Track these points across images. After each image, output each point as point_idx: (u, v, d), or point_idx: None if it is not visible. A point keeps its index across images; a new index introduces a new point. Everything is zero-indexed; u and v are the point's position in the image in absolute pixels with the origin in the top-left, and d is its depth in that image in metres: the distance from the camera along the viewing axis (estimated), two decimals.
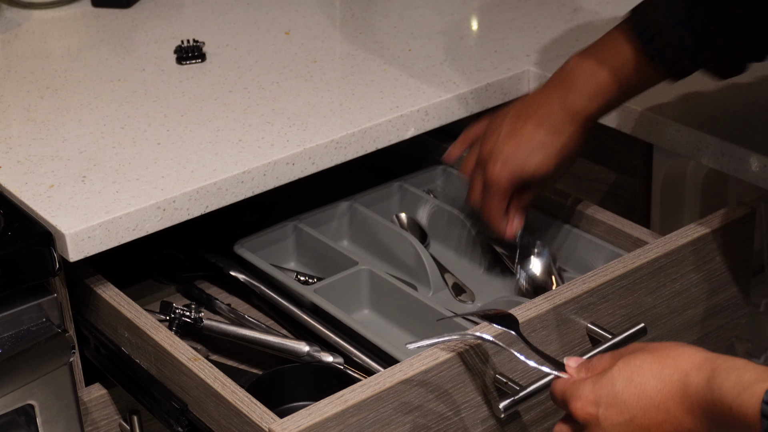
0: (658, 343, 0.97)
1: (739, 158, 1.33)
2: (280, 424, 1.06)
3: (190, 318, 1.38)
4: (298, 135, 1.40)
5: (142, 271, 1.51)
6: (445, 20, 1.72)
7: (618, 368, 0.95)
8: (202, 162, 1.35)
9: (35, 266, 1.23)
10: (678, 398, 0.90)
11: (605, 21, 1.67)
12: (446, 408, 1.13)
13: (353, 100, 1.48)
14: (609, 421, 0.94)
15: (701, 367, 0.89)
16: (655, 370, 0.92)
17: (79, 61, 1.63)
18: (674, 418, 0.90)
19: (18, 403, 1.25)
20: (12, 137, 1.43)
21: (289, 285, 1.38)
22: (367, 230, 1.50)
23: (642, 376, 0.93)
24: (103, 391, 1.36)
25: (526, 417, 1.19)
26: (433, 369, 1.11)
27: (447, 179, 1.58)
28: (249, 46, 1.65)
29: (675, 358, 0.92)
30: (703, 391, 0.88)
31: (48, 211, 1.27)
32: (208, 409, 1.17)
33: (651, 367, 0.93)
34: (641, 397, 0.92)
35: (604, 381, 0.95)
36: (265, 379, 1.29)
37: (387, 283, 1.37)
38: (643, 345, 0.97)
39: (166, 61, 1.62)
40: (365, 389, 1.08)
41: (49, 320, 1.26)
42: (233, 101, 1.49)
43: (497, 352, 1.15)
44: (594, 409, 0.95)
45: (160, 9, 1.80)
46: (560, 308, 1.20)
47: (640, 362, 0.94)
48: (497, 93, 1.52)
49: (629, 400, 0.93)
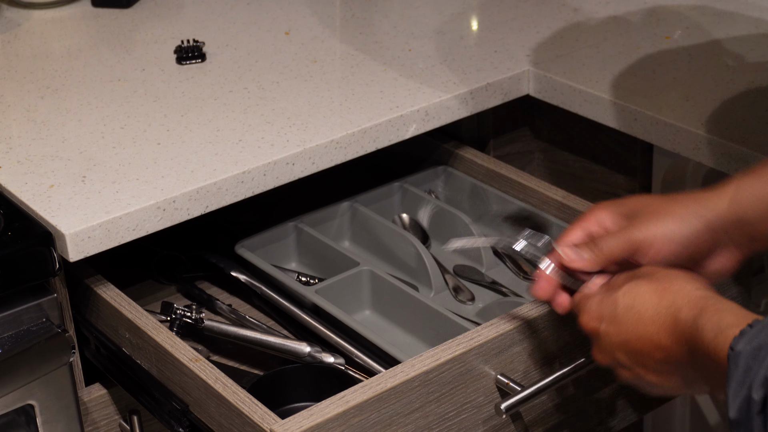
0: (667, 273, 1.00)
1: (739, 158, 1.33)
2: (282, 424, 1.06)
3: (191, 318, 1.38)
4: (298, 135, 1.40)
5: (143, 271, 1.51)
6: (445, 20, 1.72)
7: (623, 292, 1.00)
8: (202, 162, 1.35)
9: (35, 266, 1.23)
10: (669, 330, 0.95)
11: (605, 21, 1.67)
12: (448, 408, 1.13)
13: (353, 100, 1.48)
14: (608, 338, 1.00)
15: (693, 305, 0.93)
16: (654, 301, 0.97)
17: (79, 61, 1.63)
18: (664, 347, 0.95)
19: (18, 403, 1.25)
20: (12, 137, 1.43)
21: (290, 285, 1.38)
22: (368, 231, 1.50)
23: (642, 304, 0.98)
24: (103, 391, 1.36)
25: (527, 417, 1.19)
26: (435, 370, 1.11)
27: (448, 179, 1.58)
28: (249, 46, 1.65)
29: (675, 293, 0.96)
30: (689, 328, 0.92)
31: (48, 211, 1.27)
32: (209, 410, 1.17)
33: (651, 297, 0.98)
34: (637, 324, 0.97)
35: (609, 301, 1.01)
36: (266, 379, 1.29)
37: (388, 284, 1.37)
38: (655, 271, 1.01)
39: (166, 61, 1.62)
40: (366, 390, 1.08)
41: (49, 320, 1.25)
42: (233, 101, 1.49)
43: (499, 353, 1.15)
44: (597, 324, 1.01)
45: (160, 9, 1.80)
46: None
47: (644, 291, 0.99)
48: (497, 93, 1.52)
49: (626, 324, 0.98)
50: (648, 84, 1.48)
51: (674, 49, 1.57)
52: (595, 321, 1.01)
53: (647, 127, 1.42)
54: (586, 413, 1.25)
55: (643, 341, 0.97)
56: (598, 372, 1.21)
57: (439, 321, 1.30)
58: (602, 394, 1.25)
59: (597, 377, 1.24)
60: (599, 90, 1.47)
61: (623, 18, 1.68)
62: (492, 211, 1.51)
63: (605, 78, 1.50)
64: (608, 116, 1.46)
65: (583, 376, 1.20)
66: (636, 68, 1.52)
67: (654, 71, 1.51)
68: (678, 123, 1.39)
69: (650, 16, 1.68)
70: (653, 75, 1.50)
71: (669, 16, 1.68)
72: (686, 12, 1.69)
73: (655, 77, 1.50)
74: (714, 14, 1.67)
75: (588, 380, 1.23)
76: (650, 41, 1.60)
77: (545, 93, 1.53)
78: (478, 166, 1.55)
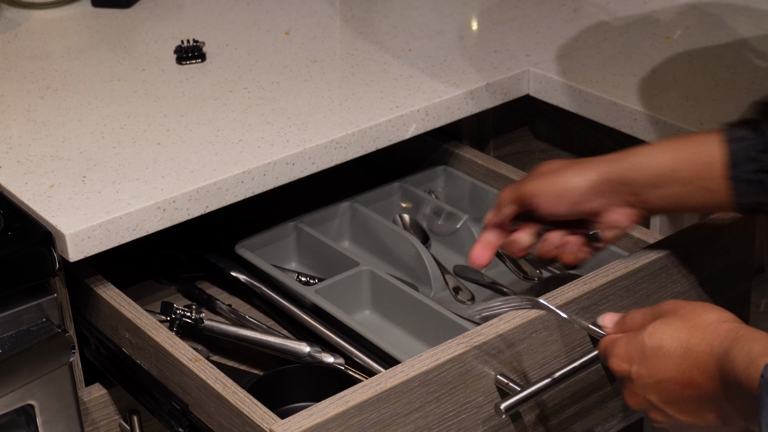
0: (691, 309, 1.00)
1: None
2: (281, 424, 1.06)
3: (191, 318, 1.38)
4: (298, 135, 1.40)
5: (143, 271, 1.51)
6: (445, 20, 1.72)
7: (648, 333, 1.00)
8: (202, 162, 1.35)
9: (35, 266, 1.23)
10: (701, 367, 0.95)
11: (605, 21, 1.67)
12: (447, 408, 1.13)
13: (353, 100, 1.48)
14: (641, 380, 1.00)
15: (724, 338, 0.94)
16: (683, 338, 0.97)
17: (79, 61, 1.63)
18: (696, 384, 0.95)
19: (18, 403, 1.25)
20: (12, 137, 1.43)
21: (290, 285, 1.38)
22: (368, 230, 1.50)
23: (670, 344, 0.98)
24: (103, 391, 1.36)
25: (527, 418, 1.19)
26: (435, 370, 1.11)
27: (448, 179, 1.58)
28: (249, 46, 1.65)
29: (703, 329, 0.96)
30: (721, 361, 0.92)
31: (48, 211, 1.27)
32: (208, 410, 1.17)
33: (679, 335, 0.98)
34: (668, 362, 0.97)
35: (636, 342, 1.01)
36: (266, 379, 1.29)
37: (388, 284, 1.37)
38: (677, 307, 1.01)
39: (166, 61, 1.62)
40: (366, 390, 1.08)
41: (49, 320, 1.25)
42: (233, 101, 1.49)
43: (499, 353, 1.15)
44: (627, 367, 1.01)
45: (160, 9, 1.80)
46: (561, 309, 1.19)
47: (671, 330, 0.99)
48: (497, 93, 1.52)
49: (657, 364, 0.98)
50: (648, 84, 1.48)
51: (674, 48, 1.57)
52: (625, 363, 1.02)
53: (647, 127, 1.42)
54: (586, 413, 1.25)
55: (675, 380, 0.97)
56: (597, 372, 1.21)
57: (439, 321, 1.30)
58: (602, 394, 1.25)
59: (597, 377, 1.24)
60: (599, 90, 1.47)
61: (623, 18, 1.68)
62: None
63: (605, 78, 1.50)
64: (608, 116, 1.46)
65: (582, 377, 1.20)
66: (636, 68, 1.52)
67: (654, 71, 1.51)
68: (678, 123, 1.39)
69: (650, 16, 1.68)
70: (653, 75, 1.50)
71: (669, 16, 1.68)
72: (686, 12, 1.69)
73: (655, 77, 1.50)
74: (714, 14, 1.67)
75: (587, 380, 1.23)
76: (650, 41, 1.60)
77: (545, 93, 1.53)
78: (478, 166, 1.55)
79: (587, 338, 1.22)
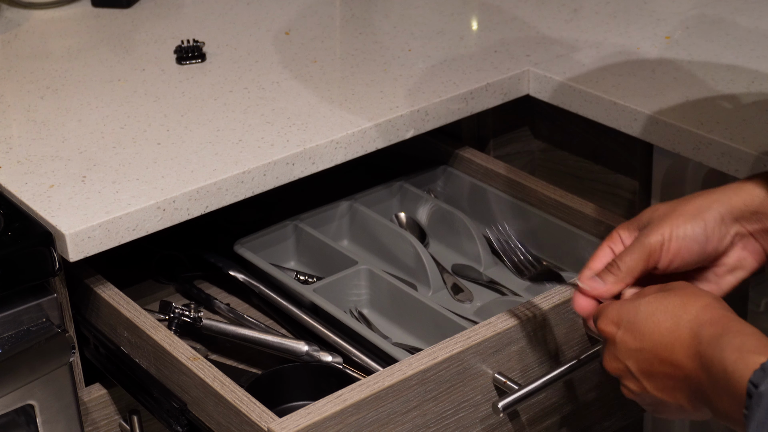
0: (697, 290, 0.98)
1: (739, 158, 1.33)
2: (279, 423, 1.06)
3: (190, 317, 1.39)
4: (298, 135, 1.40)
5: (142, 271, 1.51)
6: (445, 20, 1.72)
7: (647, 300, 0.98)
8: (202, 162, 1.35)
9: (35, 266, 1.23)
10: (686, 344, 0.93)
11: (605, 21, 1.67)
12: (445, 407, 1.13)
13: (353, 100, 1.48)
14: (624, 345, 0.98)
15: (716, 323, 0.92)
16: (676, 312, 0.96)
17: (79, 61, 1.64)
18: (676, 361, 0.94)
19: (18, 403, 1.25)
20: (12, 137, 1.43)
21: (289, 284, 1.38)
22: (367, 230, 1.50)
23: (663, 313, 0.96)
24: (103, 391, 1.36)
25: (525, 416, 1.20)
26: (432, 368, 1.11)
27: (447, 179, 1.58)
28: (249, 46, 1.65)
29: (700, 308, 0.95)
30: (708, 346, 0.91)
31: (48, 211, 1.27)
32: (207, 409, 1.18)
33: (674, 308, 0.96)
34: (654, 332, 0.96)
35: (629, 306, 0.99)
36: (264, 378, 1.29)
37: (386, 283, 1.37)
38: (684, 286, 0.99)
39: (166, 61, 1.62)
40: (364, 389, 1.08)
41: (49, 320, 1.26)
42: (233, 101, 1.49)
43: (496, 351, 1.15)
44: (614, 329, 0.99)
45: (160, 9, 1.80)
46: (560, 308, 1.20)
47: (668, 302, 0.97)
48: (497, 93, 1.52)
49: (644, 332, 0.97)
50: (648, 84, 1.48)
51: (674, 48, 1.57)
52: (613, 326, 0.99)
53: (647, 127, 1.42)
54: (584, 412, 1.25)
55: (656, 351, 0.95)
56: (596, 370, 1.22)
57: (437, 320, 1.30)
58: (601, 393, 1.25)
59: (595, 376, 1.24)
60: (599, 90, 1.47)
61: (623, 18, 1.68)
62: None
63: (605, 78, 1.50)
64: (608, 116, 1.46)
65: (580, 375, 1.20)
66: (636, 68, 1.52)
67: (654, 71, 1.51)
68: (678, 123, 1.39)
69: (650, 16, 1.68)
70: (653, 75, 1.50)
71: (669, 16, 1.68)
72: (686, 12, 1.69)
73: (655, 77, 1.50)
74: (714, 14, 1.67)
75: (586, 378, 1.23)
76: (650, 41, 1.60)
77: (545, 93, 1.53)
78: (477, 166, 1.55)
79: (585, 337, 1.22)
